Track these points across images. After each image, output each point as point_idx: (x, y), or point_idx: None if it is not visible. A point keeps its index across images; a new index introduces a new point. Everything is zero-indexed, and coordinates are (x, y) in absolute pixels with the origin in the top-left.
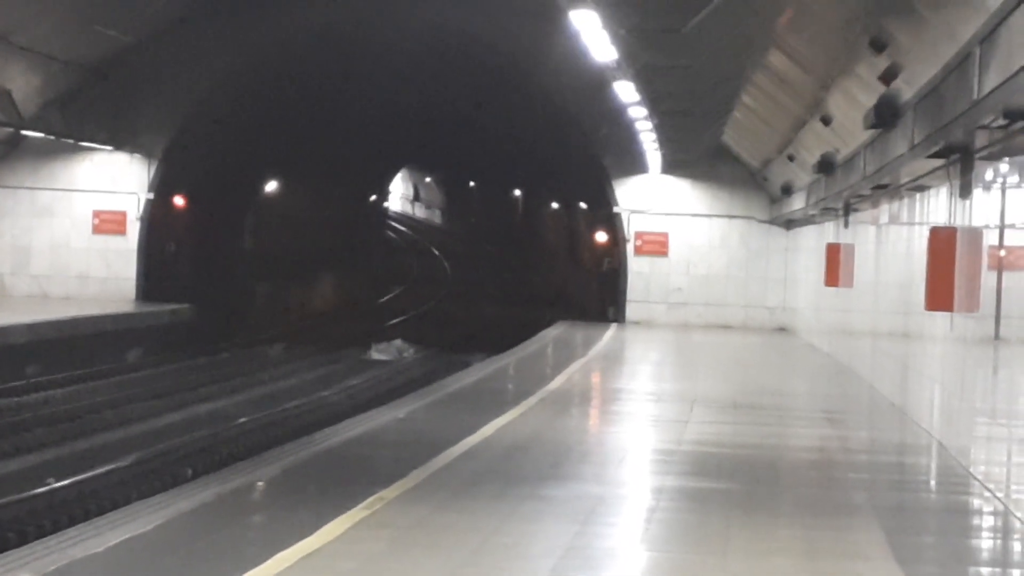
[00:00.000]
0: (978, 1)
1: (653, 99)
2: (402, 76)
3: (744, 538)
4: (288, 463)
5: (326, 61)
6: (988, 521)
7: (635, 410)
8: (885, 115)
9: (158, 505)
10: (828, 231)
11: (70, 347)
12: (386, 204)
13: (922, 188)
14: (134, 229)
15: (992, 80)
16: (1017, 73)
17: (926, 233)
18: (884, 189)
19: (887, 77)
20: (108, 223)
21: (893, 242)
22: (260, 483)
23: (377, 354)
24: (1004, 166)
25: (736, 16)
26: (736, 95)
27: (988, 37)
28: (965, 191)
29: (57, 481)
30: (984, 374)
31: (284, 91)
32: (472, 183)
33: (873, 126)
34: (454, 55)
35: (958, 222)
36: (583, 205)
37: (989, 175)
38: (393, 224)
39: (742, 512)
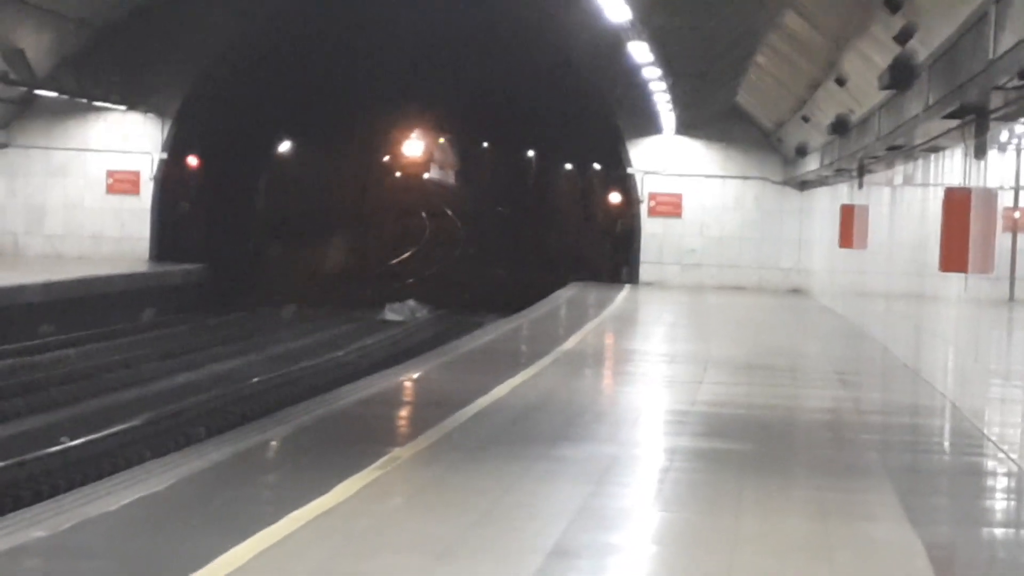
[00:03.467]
0: None
1: (667, 60)
2: (415, 38)
3: (757, 499)
4: (301, 423)
5: (339, 21)
6: (1002, 482)
7: (649, 371)
8: (900, 76)
9: (171, 464)
10: (842, 192)
11: (84, 307)
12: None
13: (937, 149)
14: (147, 189)
15: (1008, 40)
16: None
17: (940, 194)
18: (898, 150)
19: (902, 37)
20: (122, 183)
21: (907, 203)
22: (274, 443)
23: (390, 315)
24: (1019, 127)
25: None
26: (750, 56)
27: None
28: (980, 152)
29: (71, 440)
30: (999, 335)
31: (298, 51)
32: (485, 144)
33: (888, 87)
34: (468, 16)
35: (973, 183)
36: (597, 166)
37: (1004, 136)
38: (405, 184)
39: (755, 473)
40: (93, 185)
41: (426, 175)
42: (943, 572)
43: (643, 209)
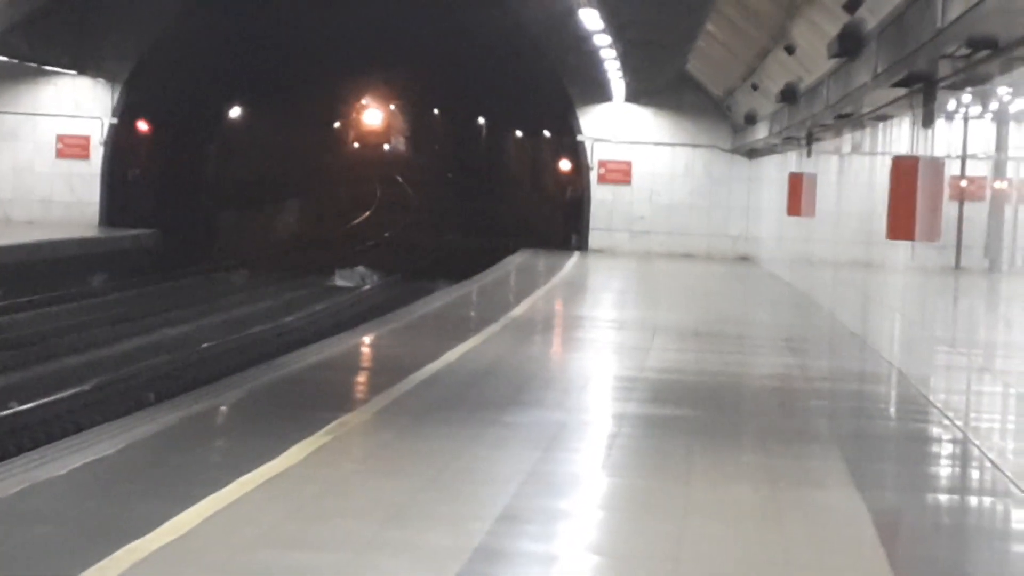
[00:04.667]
0: None
1: (618, 27)
2: (366, 4)
3: (706, 465)
4: (251, 388)
5: None
6: (947, 449)
7: (597, 337)
8: (848, 44)
9: (120, 429)
10: (791, 161)
11: (33, 271)
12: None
13: (885, 118)
14: (98, 154)
15: (956, 9)
16: (980, 2)
17: (888, 163)
18: (847, 119)
19: (851, 6)
20: (72, 147)
21: (855, 172)
22: (223, 408)
23: (341, 280)
24: (966, 96)
25: None
26: (701, 24)
27: None
28: (927, 121)
29: (20, 405)
30: (945, 303)
31: (249, 17)
32: (436, 111)
33: (836, 55)
34: None
35: (920, 152)
36: (547, 133)
37: (951, 105)
38: (357, 152)
39: (704, 439)
40: (43, 149)
41: (386, 146)
42: (889, 537)
43: (593, 176)
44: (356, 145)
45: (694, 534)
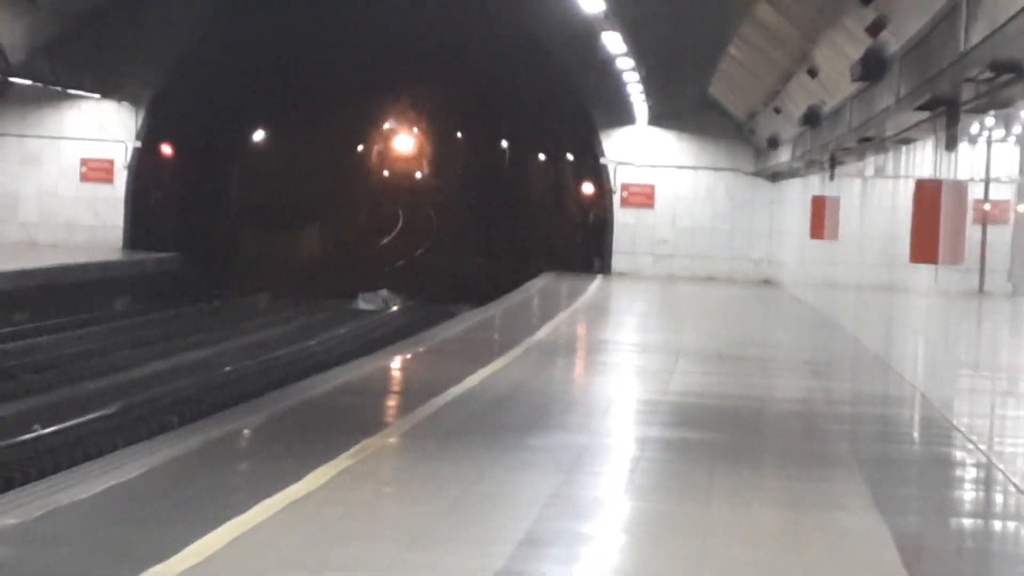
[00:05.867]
0: None
1: (640, 51)
2: (390, 28)
3: (728, 488)
4: (274, 411)
5: (313, 10)
6: (971, 473)
7: (620, 361)
8: (872, 67)
9: (144, 452)
10: (813, 184)
11: (57, 295)
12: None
13: (908, 141)
14: (121, 178)
15: (979, 33)
16: (1003, 26)
17: (911, 186)
18: (870, 142)
19: (874, 29)
20: (96, 171)
21: (878, 195)
22: (246, 431)
23: (363, 304)
24: (990, 119)
25: None
26: (723, 47)
27: None
28: (951, 144)
29: (44, 428)
30: (968, 327)
31: (271, 40)
32: (459, 134)
33: (860, 78)
34: (442, 5)
35: (943, 175)
36: (570, 156)
37: (975, 128)
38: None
39: (726, 463)
40: (67, 173)
41: (418, 174)
42: (911, 562)
43: (616, 199)
44: (386, 174)
45: (716, 557)
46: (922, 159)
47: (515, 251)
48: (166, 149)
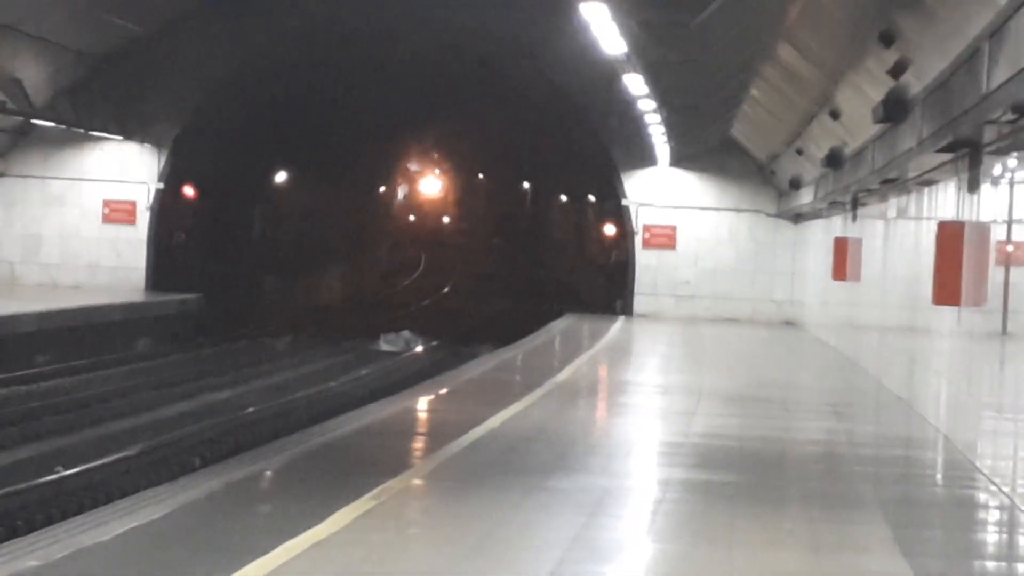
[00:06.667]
0: None
1: (662, 92)
2: (411, 68)
3: (750, 531)
4: (296, 453)
5: (335, 53)
6: (994, 515)
7: (642, 402)
8: (894, 109)
9: (166, 494)
10: (836, 225)
11: (79, 336)
12: (396, 195)
13: (930, 183)
14: (144, 219)
15: (1001, 75)
16: None
17: (934, 228)
18: (892, 183)
19: (896, 71)
20: (118, 212)
21: (901, 236)
22: (268, 472)
23: (385, 345)
24: (1012, 161)
25: (745, 10)
26: (745, 89)
27: (997, 32)
28: (973, 186)
29: (65, 469)
30: (991, 368)
31: (294, 82)
32: (480, 175)
33: (882, 120)
34: (464, 47)
35: (966, 217)
36: (591, 198)
37: (997, 170)
38: (402, 216)
39: (748, 505)
40: (89, 214)
41: (445, 219)
42: None
43: (637, 241)
44: (412, 219)
45: None
46: (944, 201)
47: (537, 292)
48: (188, 190)
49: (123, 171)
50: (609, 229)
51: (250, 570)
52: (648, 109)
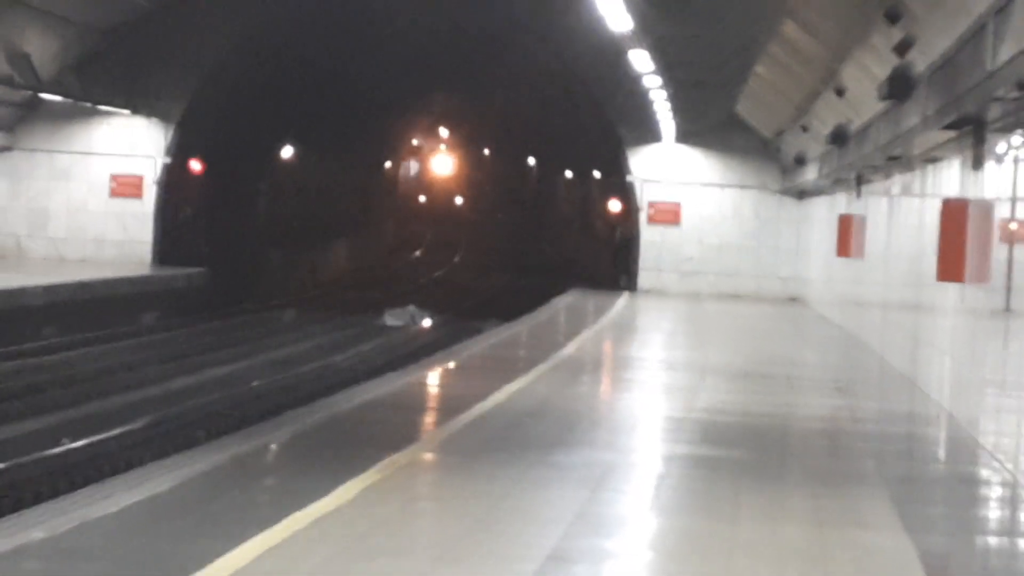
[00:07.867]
0: None
1: (668, 68)
2: (418, 45)
3: (753, 506)
4: (301, 427)
5: (342, 28)
6: (996, 491)
7: (646, 378)
8: (899, 86)
9: (171, 467)
10: (840, 202)
11: (86, 310)
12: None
13: (934, 160)
14: (151, 193)
15: (1006, 52)
16: None
17: (938, 205)
18: (897, 160)
19: (901, 48)
20: (125, 187)
21: (905, 213)
22: (273, 446)
23: (390, 320)
24: (1017, 138)
25: None
26: (750, 65)
27: (1003, 9)
28: (978, 163)
29: (72, 442)
30: (994, 346)
31: (300, 57)
32: (486, 151)
33: (887, 97)
34: (470, 24)
35: (970, 194)
36: (596, 174)
37: (1002, 147)
38: (408, 192)
39: (752, 480)
40: (96, 189)
41: (458, 199)
42: None
43: (642, 217)
44: (418, 194)
45: (741, 575)
46: (949, 178)
47: (542, 267)
48: (195, 165)
49: (130, 145)
50: (614, 205)
51: (255, 543)
52: (654, 85)
